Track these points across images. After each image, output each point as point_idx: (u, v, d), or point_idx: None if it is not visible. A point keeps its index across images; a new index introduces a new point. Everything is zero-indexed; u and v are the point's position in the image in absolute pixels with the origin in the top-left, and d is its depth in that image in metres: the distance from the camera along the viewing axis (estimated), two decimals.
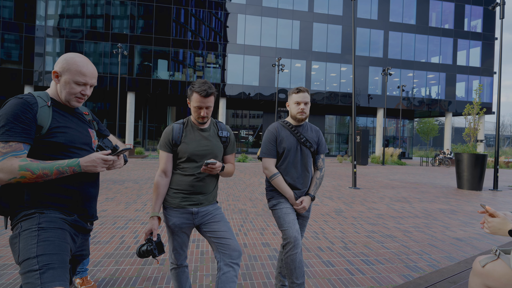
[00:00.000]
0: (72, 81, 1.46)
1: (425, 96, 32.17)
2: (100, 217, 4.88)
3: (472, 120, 10.58)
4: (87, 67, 1.49)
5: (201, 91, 1.87)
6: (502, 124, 71.76)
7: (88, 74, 1.49)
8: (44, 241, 1.30)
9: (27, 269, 1.24)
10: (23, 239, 1.31)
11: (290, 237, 2.14)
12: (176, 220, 1.96)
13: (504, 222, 1.42)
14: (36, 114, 1.38)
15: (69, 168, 1.38)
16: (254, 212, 5.69)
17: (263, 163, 2.32)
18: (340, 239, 4.19)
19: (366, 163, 20.65)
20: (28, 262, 1.25)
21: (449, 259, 3.58)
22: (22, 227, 1.34)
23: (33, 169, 1.31)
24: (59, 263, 1.29)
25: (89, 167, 1.41)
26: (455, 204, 7.19)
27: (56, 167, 1.35)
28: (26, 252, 1.27)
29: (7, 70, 24.99)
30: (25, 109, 1.35)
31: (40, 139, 1.39)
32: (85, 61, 1.50)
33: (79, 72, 1.46)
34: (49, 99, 1.47)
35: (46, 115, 1.42)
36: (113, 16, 26.76)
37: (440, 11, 32.08)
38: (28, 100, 1.38)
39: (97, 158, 1.43)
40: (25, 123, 1.34)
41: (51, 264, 1.26)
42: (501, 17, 11.10)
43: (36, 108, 1.39)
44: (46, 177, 1.34)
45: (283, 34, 29.61)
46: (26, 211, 1.38)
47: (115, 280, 2.76)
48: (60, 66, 1.47)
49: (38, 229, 1.33)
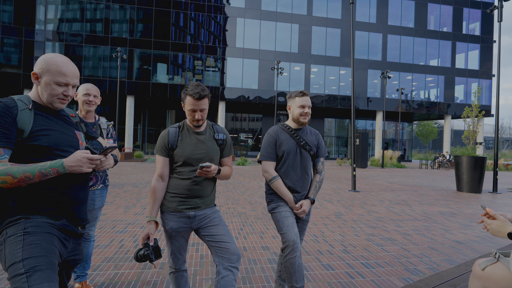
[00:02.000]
0: (52, 82, 1.41)
1: (424, 99, 32.25)
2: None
3: (471, 122, 10.60)
4: (67, 66, 1.43)
5: (194, 93, 1.86)
6: (501, 127, 71.91)
7: (69, 74, 1.43)
8: (29, 245, 1.27)
9: (14, 273, 1.21)
10: (9, 245, 1.28)
11: (289, 241, 2.13)
12: (173, 224, 1.95)
13: (504, 224, 1.42)
14: (15, 118, 1.34)
15: (52, 169, 1.32)
16: (253, 215, 5.68)
17: (263, 166, 2.32)
18: (340, 242, 4.18)
19: (365, 166, 20.65)
20: (14, 266, 1.22)
21: (449, 262, 3.57)
22: (8, 234, 1.31)
23: (14, 173, 1.26)
24: (46, 265, 1.26)
25: (73, 167, 1.35)
26: (454, 207, 7.18)
27: (38, 169, 1.30)
28: (12, 257, 1.24)
29: (6, 74, 25.02)
30: (4, 113, 1.31)
31: (22, 143, 1.35)
32: (65, 60, 1.45)
33: (59, 72, 1.41)
34: (31, 102, 1.42)
35: (27, 118, 1.37)
36: (113, 20, 26.86)
37: (439, 14, 32.26)
38: (7, 104, 1.34)
39: (82, 157, 1.36)
40: (4, 127, 1.30)
41: (38, 267, 1.23)
42: (499, 20, 11.16)
43: (15, 112, 1.35)
44: (28, 180, 1.29)
45: (282, 37, 29.73)
46: (11, 217, 1.34)
47: (114, 284, 2.75)
48: (39, 67, 1.41)
49: (24, 233, 1.30)
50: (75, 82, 1.48)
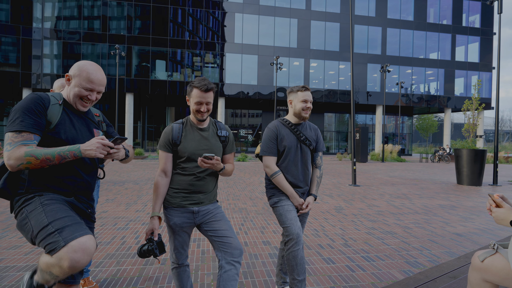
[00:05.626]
0: (79, 86, 1.60)
1: (424, 92, 32.18)
2: (101, 218, 4.89)
3: (471, 115, 10.59)
4: (96, 74, 1.62)
5: (201, 86, 1.91)
6: (501, 119, 71.82)
7: (96, 81, 1.62)
8: (51, 211, 1.44)
9: (45, 234, 1.36)
10: (33, 217, 1.44)
11: (293, 234, 2.15)
12: (177, 219, 1.97)
13: (508, 212, 1.45)
14: (47, 110, 1.53)
15: (70, 152, 1.46)
16: (254, 211, 5.70)
17: (264, 161, 2.33)
18: (341, 236, 4.21)
19: (365, 160, 20.67)
20: (44, 230, 1.38)
21: (449, 254, 3.59)
22: (28, 210, 1.47)
23: (37, 154, 1.41)
24: (71, 221, 1.43)
25: (88, 151, 1.47)
26: (454, 200, 7.21)
27: (58, 152, 1.45)
28: (39, 224, 1.40)
29: (4, 73, 24.94)
30: (37, 103, 1.50)
31: (48, 134, 1.53)
32: (96, 68, 1.63)
33: (87, 79, 1.60)
34: (62, 99, 1.63)
35: (56, 112, 1.56)
36: (110, 17, 26.71)
37: (438, 6, 32.06)
38: (42, 96, 1.54)
39: (97, 141, 1.49)
40: (37, 116, 1.49)
41: (65, 224, 1.40)
42: (499, 11, 11.10)
43: (47, 104, 1.54)
44: (49, 162, 1.44)
45: (281, 32, 29.58)
46: (26, 196, 1.51)
47: (116, 280, 2.77)
48: (73, 71, 1.62)
49: (42, 205, 1.47)
50: (100, 89, 1.67)
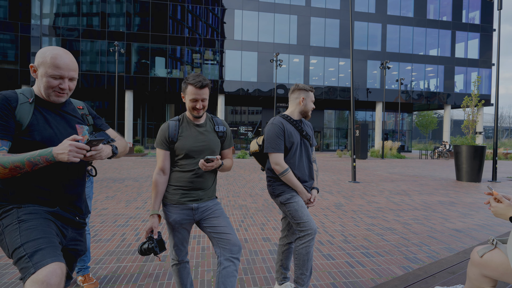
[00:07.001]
0: (46, 75, 1.39)
1: (423, 89, 32.14)
2: (101, 215, 4.90)
3: (471, 112, 10.59)
4: (62, 59, 1.40)
5: (195, 82, 1.88)
6: (501, 116, 71.81)
7: (63, 66, 1.40)
8: (26, 230, 1.30)
9: (17, 257, 1.25)
10: (7, 234, 1.32)
11: (312, 229, 2.18)
12: (176, 216, 1.97)
13: (508, 208, 1.46)
14: (14, 111, 1.34)
15: (41, 157, 1.28)
16: (254, 207, 5.71)
17: (273, 159, 2.28)
18: (340, 233, 4.22)
19: (365, 157, 20.69)
20: (16, 252, 1.26)
21: (448, 250, 3.60)
22: (4, 224, 1.34)
23: (4, 163, 1.25)
24: (46, 244, 1.28)
25: (60, 155, 1.27)
26: (454, 196, 7.22)
27: (27, 158, 1.27)
28: (12, 244, 1.28)
29: (3, 71, 24.88)
30: (3, 105, 1.32)
31: (19, 137, 1.35)
32: (61, 53, 1.41)
33: (53, 65, 1.38)
34: (32, 96, 1.42)
35: (26, 112, 1.37)
36: (109, 14, 26.60)
37: (438, 3, 31.94)
38: (6, 96, 1.35)
39: (69, 144, 1.27)
40: (2, 119, 1.31)
41: (38, 247, 1.25)
42: (499, 8, 11.06)
43: (14, 104, 1.35)
44: (20, 170, 1.27)
45: (280, 29, 29.48)
46: (4, 207, 1.37)
47: (117, 277, 2.78)
48: (36, 59, 1.41)
49: (19, 221, 1.32)
50: (71, 75, 1.44)
